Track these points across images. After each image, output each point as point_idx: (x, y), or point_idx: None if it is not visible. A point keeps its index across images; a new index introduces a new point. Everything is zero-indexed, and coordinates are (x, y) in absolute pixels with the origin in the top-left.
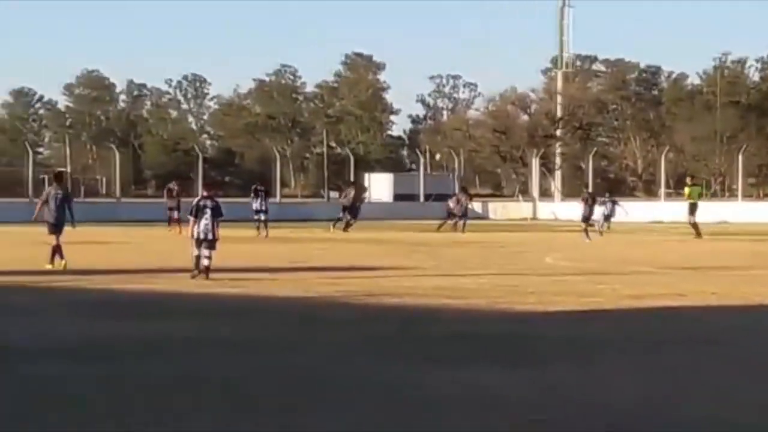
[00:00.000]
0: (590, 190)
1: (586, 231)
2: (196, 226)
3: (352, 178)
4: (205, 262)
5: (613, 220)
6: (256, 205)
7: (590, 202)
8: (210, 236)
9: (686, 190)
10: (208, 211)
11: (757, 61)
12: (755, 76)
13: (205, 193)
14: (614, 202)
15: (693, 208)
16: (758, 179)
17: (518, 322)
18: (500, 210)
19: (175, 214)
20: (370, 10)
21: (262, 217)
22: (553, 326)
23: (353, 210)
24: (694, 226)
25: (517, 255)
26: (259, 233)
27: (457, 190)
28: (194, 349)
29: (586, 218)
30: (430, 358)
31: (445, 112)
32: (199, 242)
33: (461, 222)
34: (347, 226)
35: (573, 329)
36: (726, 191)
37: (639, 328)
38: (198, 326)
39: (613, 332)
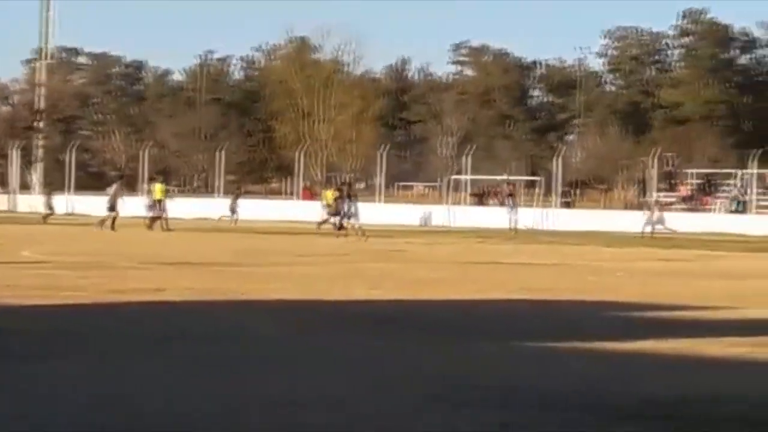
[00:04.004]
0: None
1: (103, 222)
2: None
3: None
4: None
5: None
6: None
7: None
8: None
9: (155, 186)
10: None
11: (240, 60)
12: (238, 75)
13: None
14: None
15: (159, 204)
16: (238, 177)
17: None
18: None
19: None
20: None
21: None
22: (28, 320)
23: None
24: (157, 220)
25: None
26: None
27: None
28: None
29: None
30: None
31: None
32: None
33: None
34: None
35: (47, 323)
36: (208, 187)
37: (114, 323)
38: None
39: (89, 326)
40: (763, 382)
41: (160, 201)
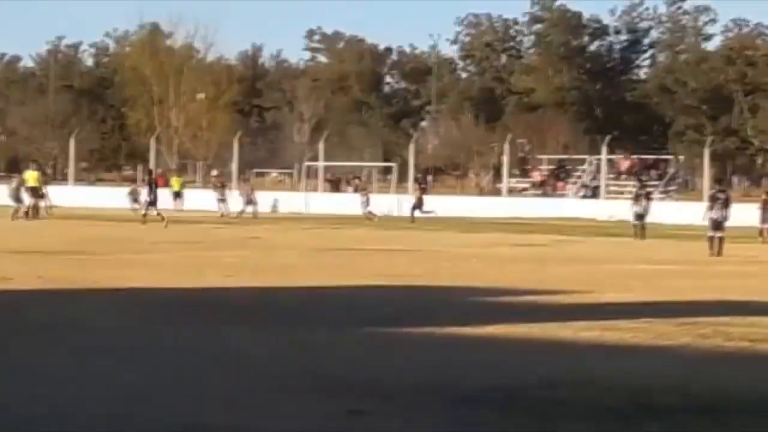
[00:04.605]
0: None
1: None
2: None
3: None
4: None
5: None
6: None
7: None
8: None
9: (29, 174)
10: None
11: (91, 46)
12: (89, 61)
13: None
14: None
15: (34, 192)
16: (90, 164)
17: None
18: None
19: None
20: None
21: None
22: None
23: None
24: (35, 208)
25: None
26: None
27: None
28: None
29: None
30: None
31: None
32: None
33: None
34: None
35: None
36: (59, 175)
37: None
38: None
39: None
40: (609, 365)
41: (34, 189)
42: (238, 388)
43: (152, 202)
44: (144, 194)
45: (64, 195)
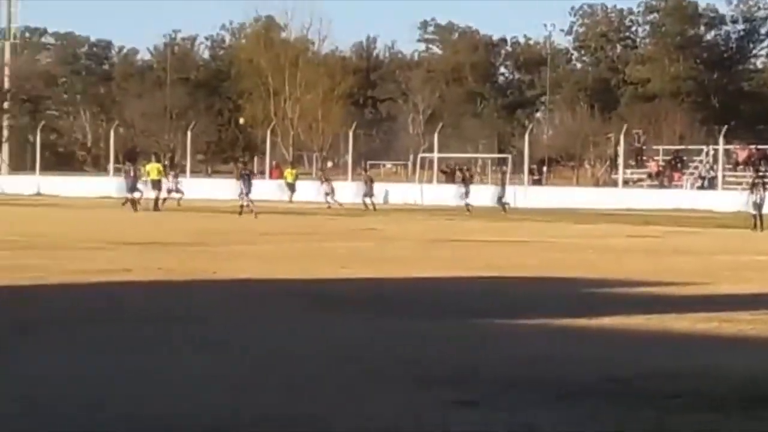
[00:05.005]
0: None
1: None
2: None
3: None
4: None
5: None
6: None
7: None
8: None
9: (151, 167)
10: None
11: (206, 39)
12: (205, 54)
13: None
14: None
15: (155, 184)
16: (207, 156)
17: None
18: None
19: None
20: None
21: None
22: None
23: None
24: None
25: None
26: None
27: None
28: None
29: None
30: None
31: None
32: None
33: None
34: None
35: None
36: (177, 167)
37: (80, 302)
38: None
39: (55, 308)
40: (726, 357)
41: (156, 181)
42: (342, 378)
43: (246, 194)
44: (240, 186)
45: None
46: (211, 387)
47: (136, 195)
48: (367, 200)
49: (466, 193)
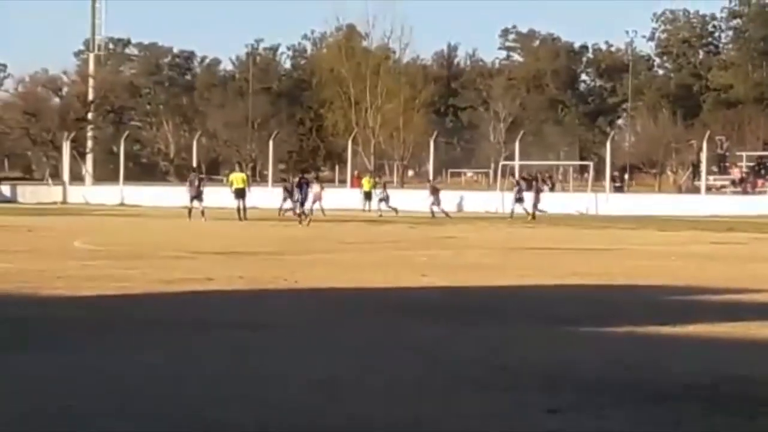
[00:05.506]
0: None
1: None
2: None
3: None
4: None
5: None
6: None
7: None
8: None
9: (232, 176)
10: None
11: (288, 48)
12: (287, 64)
13: None
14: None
15: (239, 194)
16: (288, 165)
17: (46, 306)
18: (29, 194)
19: None
20: None
21: None
22: (82, 309)
23: None
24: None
25: (45, 239)
26: None
27: None
28: None
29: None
30: None
31: None
32: None
33: None
34: None
35: (102, 312)
36: (258, 177)
37: (166, 311)
38: None
39: (142, 315)
40: None
41: (240, 190)
42: (433, 384)
43: (302, 202)
44: (296, 194)
45: (264, 196)
46: (312, 390)
47: (195, 204)
48: (435, 209)
49: (537, 200)
